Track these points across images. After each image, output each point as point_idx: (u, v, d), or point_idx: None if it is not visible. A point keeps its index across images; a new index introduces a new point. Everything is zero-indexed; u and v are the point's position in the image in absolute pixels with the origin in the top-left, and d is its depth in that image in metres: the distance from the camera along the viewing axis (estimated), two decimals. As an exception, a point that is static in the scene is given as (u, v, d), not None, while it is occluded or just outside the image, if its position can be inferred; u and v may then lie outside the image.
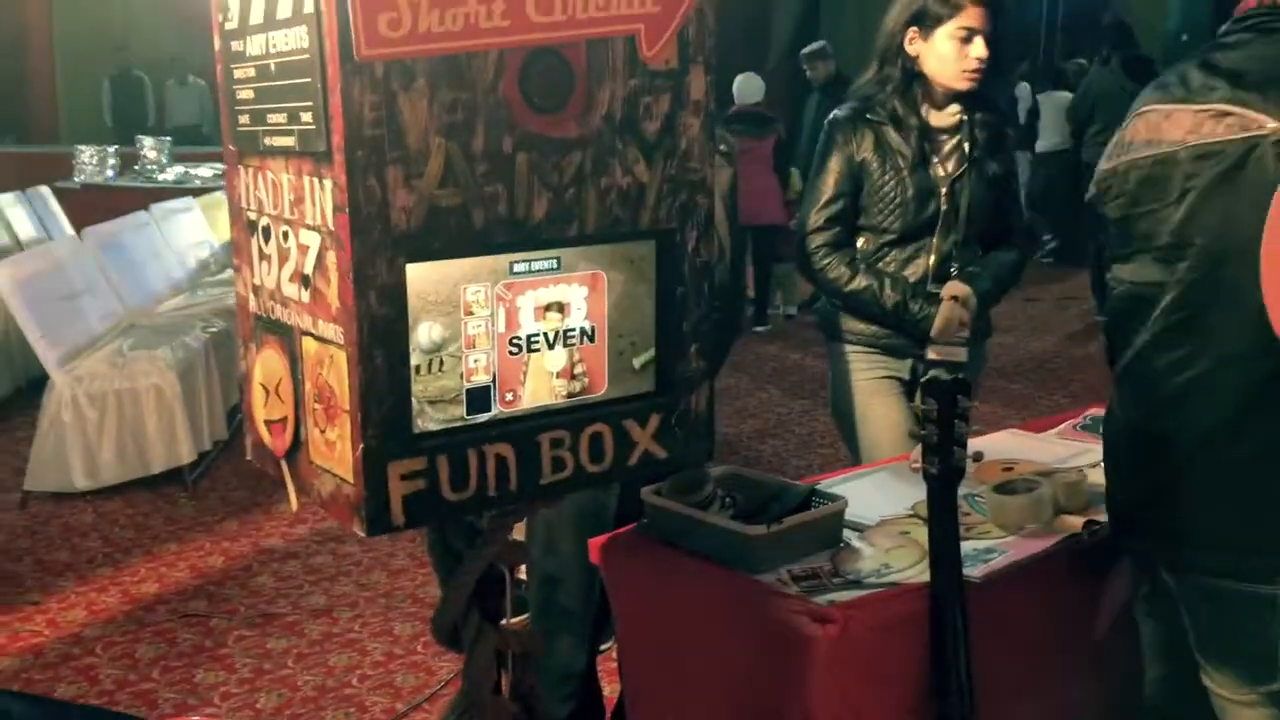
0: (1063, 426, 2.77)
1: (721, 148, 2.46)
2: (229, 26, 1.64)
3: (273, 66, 1.54)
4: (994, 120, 2.85)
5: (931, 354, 2.74)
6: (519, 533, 2.47)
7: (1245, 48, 1.72)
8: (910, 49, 2.74)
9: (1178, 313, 1.75)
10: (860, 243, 2.83)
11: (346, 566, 4.07)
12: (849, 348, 2.89)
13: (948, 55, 2.70)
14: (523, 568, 2.66)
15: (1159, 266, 1.76)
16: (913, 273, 2.79)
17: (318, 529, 4.36)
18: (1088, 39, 10.88)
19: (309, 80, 1.45)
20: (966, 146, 2.79)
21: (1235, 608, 1.74)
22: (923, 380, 1.83)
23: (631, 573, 2.13)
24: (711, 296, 1.77)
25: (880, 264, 2.80)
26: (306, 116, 1.47)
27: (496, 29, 1.47)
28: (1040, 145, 10.10)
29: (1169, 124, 1.75)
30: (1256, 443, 1.69)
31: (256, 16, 1.55)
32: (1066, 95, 9.84)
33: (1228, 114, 1.67)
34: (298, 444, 1.64)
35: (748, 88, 7.55)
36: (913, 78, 2.76)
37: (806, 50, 8.56)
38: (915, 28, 2.72)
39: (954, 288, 2.75)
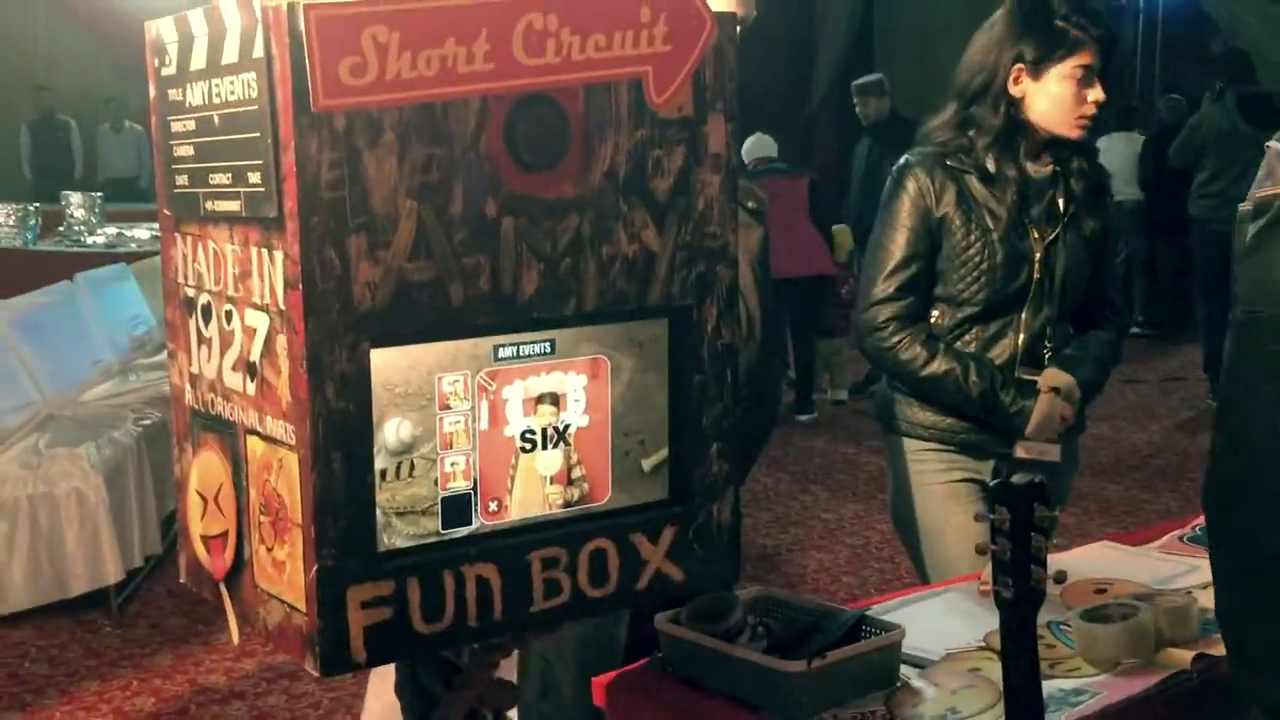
0: (1166, 538, 2.76)
1: (749, 204, 2.50)
2: (166, 72, 1.69)
3: (216, 119, 1.58)
4: (1092, 170, 2.87)
5: (1020, 452, 2.74)
6: (508, 670, 2.47)
7: None
8: (1014, 90, 2.75)
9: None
10: (934, 316, 2.83)
11: (302, 710, 4.05)
12: (916, 444, 2.88)
13: (1063, 98, 2.72)
14: (513, 712, 2.66)
15: None
16: (998, 354, 2.79)
17: (268, 663, 4.35)
18: (1192, 72, 11.02)
19: (258, 135, 1.48)
20: (1061, 203, 2.81)
21: None
22: (991, 485, 1.83)
23: (644, 717, 2.13)
24: (737, 384, 1.78)
25: (959, 343, 2.80)
26: (254, 177, 1.51)
27: (479, 74, 1.51)
28: None
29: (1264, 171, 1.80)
30: None
31: (198, 61, 1.60)
32: (1135, 136, 9.96)
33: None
34: (240, 564, 1.65)
35: (759, 146, 7.72)
36: (1017, 125, 2.77)
37: (860, 81, 8.72)
38: (1022, 65, 2.74)
39: (1054, 377, 2.75)
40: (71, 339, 6.24)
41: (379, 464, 1.53)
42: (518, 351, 1.61)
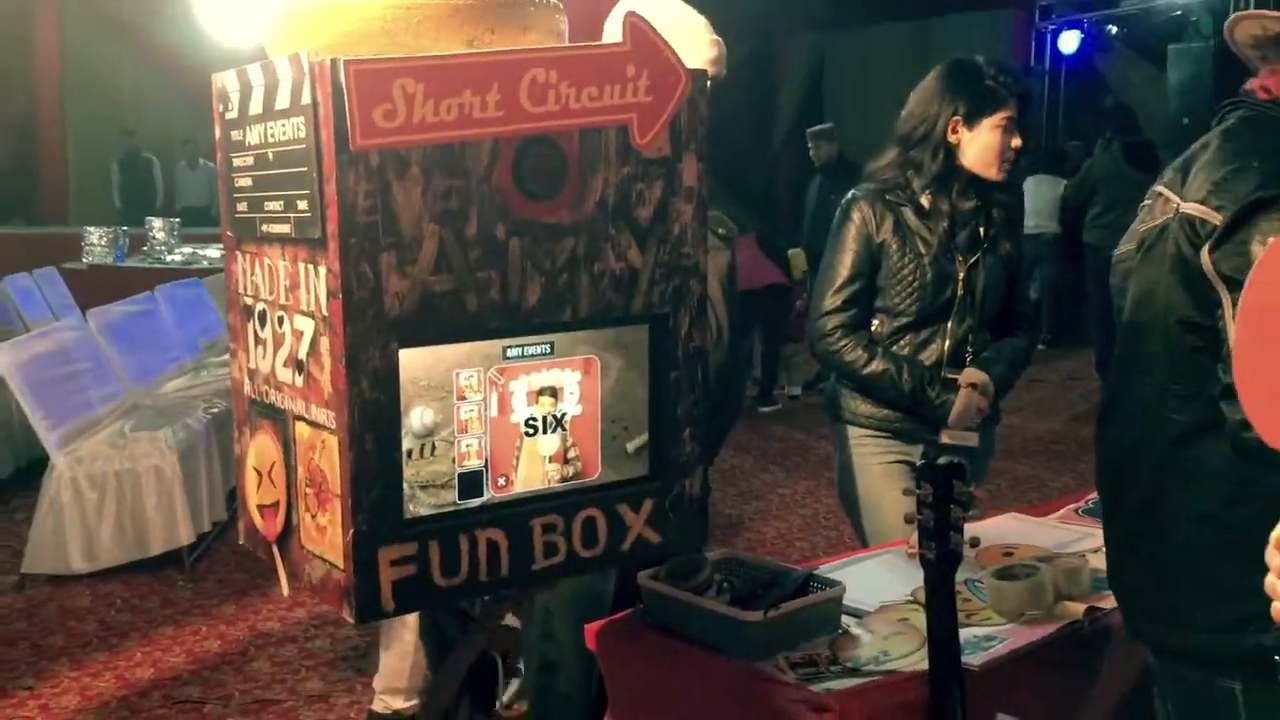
0: (1064, 511, 2.76)
1: (719, 230, 2.49)
2: (229, 116, 1.68)
3: (270, 155, 1.57)
4: (1008, 203, 2.87)
5: (945, 438, 2.74)
6: (514, 620, 2.46)
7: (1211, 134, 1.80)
8: (951, 138, 2.74)
9: (1106, 394, 1.82)
10: (874, 324, 2.83)
11: (344, 651, 4.03)
12: (858, 431, 2.87)
13: (991, 145, 2.72)
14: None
15: None
16: (927, 356, 2.79)
17: (316, 613, 4.32)
18: (1089, 122, 11.04)
19: (305, 169, 1.47)
20: (982, 230, 2.81)
21: (1200, 702, 1.71)
22: (918, 465, 1.83)
23: (627, 658, 2.12)
24: (707, 380, 1.77)
25: (894, 347, 2.80)
26: (302, 204, 1.50)
27: (491, 119, 1.50)
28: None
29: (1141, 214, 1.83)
30: (1173, 511, 1.70)
31: (256, 107, 1.59)
32: (1058, 180, 9.91)
33: (1159, 195, 1.75)
34: (290, 529, 1.64)
35: None
36: (953, 168, 2.75)
37: (814, 129, 8.69)
38: (958, 117, 2.73)
39: (972, 375, 2.75)
40: (152, 341, 6.21)
41: (406, 445, 1.52)
42: (523, 352, 1.60)
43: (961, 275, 2.77)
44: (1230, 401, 1.48)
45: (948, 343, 2.79)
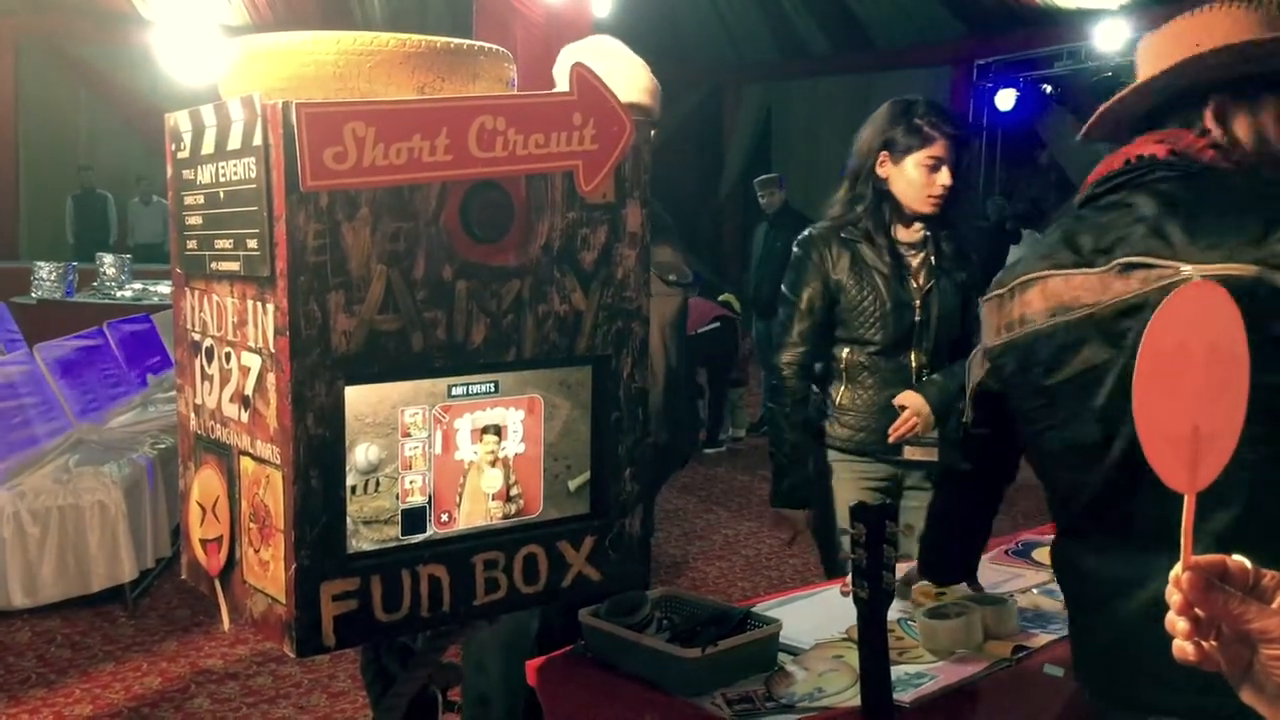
0: (994, 552, 2.79)
1: (670, 276, 2.52)
2: (181, 156, 1.68)
3: (221, 194, 1.57)
4: (953, 237, 2.95)
5: (906, 454, 2.83)
6: (455, 657, 2.44)
7: (1121, 208, 1.71)
8: (880, 171, 2.86)
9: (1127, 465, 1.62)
10: (845, 353, 2.90)
11: (286, 689, 3.97)
12: (833, 453, 2.96)
13: (915, 181, 2.82)
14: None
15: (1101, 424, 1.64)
16: (898, 381, 2.88)
17: (258, 650, 4.25)
18: (1024, 176, 11.29)
19: (256, 208, 1.48)
20: (933, 259, 2.88)
21: None
22: (851, 506, 1.85)
23: (568, 694, 2.11)
24: (648, 420, 1.79)
25: (864, 374, 2.89)
26: (252, 243, 1.50)
27: (439, 163, 1.52)
28: None
29: (1070, 288, 1.68)
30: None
31: (208, 147, 1.59)
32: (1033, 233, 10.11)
33: (1134, 266, 1.62)
34: (232, 563, 1.63)
35: None
36: (882, 197, 2.86)
37: (761, 179, 8.79)
38: (886, 152, 2.84)
39: (904, 398, 2.83)
40: (100, 376, 6.12)
41: (350, 481, 1.52)
42: (467, 390, 1.61)
43: (918, 302, 2.84)
44: None
45: (913, 366, 2.86)
